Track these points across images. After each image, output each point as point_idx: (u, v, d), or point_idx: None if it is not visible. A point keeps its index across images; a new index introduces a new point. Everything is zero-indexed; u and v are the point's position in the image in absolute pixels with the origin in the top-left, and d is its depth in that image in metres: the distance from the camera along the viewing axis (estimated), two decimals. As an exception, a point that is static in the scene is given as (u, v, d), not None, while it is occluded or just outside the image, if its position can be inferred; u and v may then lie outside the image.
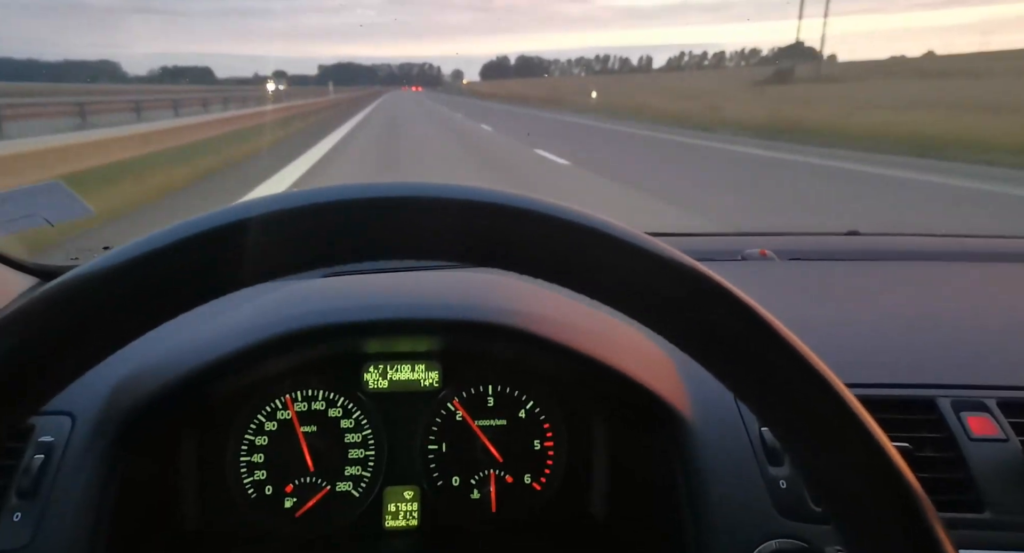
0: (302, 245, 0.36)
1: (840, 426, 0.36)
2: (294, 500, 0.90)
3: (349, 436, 0.92)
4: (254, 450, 0.90)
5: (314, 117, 23.48)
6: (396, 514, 0.93)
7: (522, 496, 0.93)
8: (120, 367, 0.79)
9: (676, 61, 60.18)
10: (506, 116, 27.45)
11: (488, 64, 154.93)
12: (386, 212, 0.36)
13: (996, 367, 0.88)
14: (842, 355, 0.90)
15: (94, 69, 63.86)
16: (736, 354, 0.37)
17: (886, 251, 1.46)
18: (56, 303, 0.34)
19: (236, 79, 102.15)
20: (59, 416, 0.76)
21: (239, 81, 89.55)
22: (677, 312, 0.37)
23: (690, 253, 0.38)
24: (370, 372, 0.92)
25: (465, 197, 0.37)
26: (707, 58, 61.94)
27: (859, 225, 1.60)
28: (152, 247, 0.35)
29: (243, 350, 0.79)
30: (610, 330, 0.86)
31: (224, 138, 13.45)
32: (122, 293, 0.35)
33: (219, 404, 0.88)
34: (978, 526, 0.73)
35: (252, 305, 0.89)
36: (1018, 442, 0.77)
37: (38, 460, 0.72)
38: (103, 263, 0.35)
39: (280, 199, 0.36)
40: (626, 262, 0.37)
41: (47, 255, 1.19)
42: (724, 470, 0.76)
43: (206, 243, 0.35)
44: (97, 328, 0.35)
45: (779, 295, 1.12)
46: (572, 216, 0.37)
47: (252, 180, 8.24)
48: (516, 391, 0.94)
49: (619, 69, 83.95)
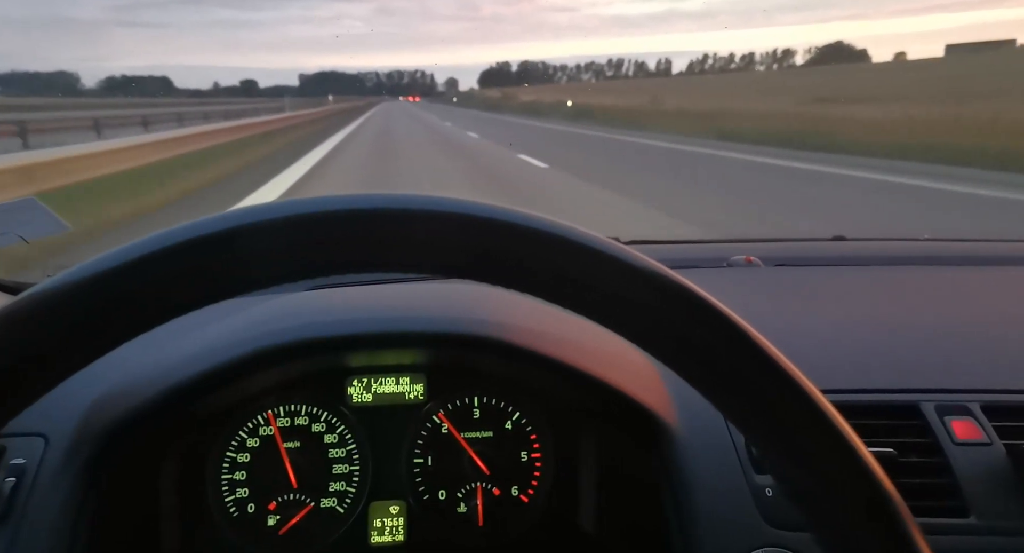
0: (284, 257, 0.36)
1: (813, 431, 0.36)
2: (277, 517, 0.89)
3: (333, 451, 0.90)
4: (236, 467, 0.88)
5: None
6: (382, 530, 0.91)
7: (509, 509, 0.93)
8: (95, 386, 0.78)
9: (699, 65, 56.45)
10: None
11: (487, 71, 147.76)
12: (366, 225, 0.36)
13: (979, 371, 0.88)
14: (826, 361, 0.90)
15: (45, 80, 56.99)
16: (710, 363, 0.37)
17: (871, 256, 1.47)
18: (15, 321, 0.33)
19: (192, 91, 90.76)
20: (31, 437, 0.74)
21: (193, 93, 79.21)
22: (649, 321, 0.37)
23: (675, 261, 0.38)
24: (354, 386, 0.91)
25: (444, 210, 0.36)
26: (734, 61, 58.15)
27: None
28: (125, 259, 0.34)
29: (223, 366, 0.78)
30: (595, 341, 0.85)
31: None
32: (95, 306, 0.34)
33: (199, 421, 0.87)
34: (963, 531, 0.73)
35: (232, 320, 0.88)
36: (1002, 446, 0.77)
37: (9, 483, 0.70)
38: (66, 278, 0.34)
39: (265, 210, 0.36)
40: (595, 270, 0.36)
41: (24, 273, 1.18)
42: (710, 479, 0.76)
43: (184, 254, 0.34)
44: (62, 344, 0.34)
45: (765, 302, 1.13)
46: (545, 226, 0.37)
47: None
48: (502, 403, 0.93)
49: (634, 74, 78.89)
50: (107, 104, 32.04)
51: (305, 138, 20.05)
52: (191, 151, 13.67)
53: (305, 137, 20.53)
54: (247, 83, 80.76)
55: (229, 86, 65.43)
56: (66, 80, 70.89)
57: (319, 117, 35.58)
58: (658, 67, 63.68)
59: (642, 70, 69.66)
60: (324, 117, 36.69)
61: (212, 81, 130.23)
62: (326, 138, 20.25)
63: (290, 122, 26.58)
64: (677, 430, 0.79)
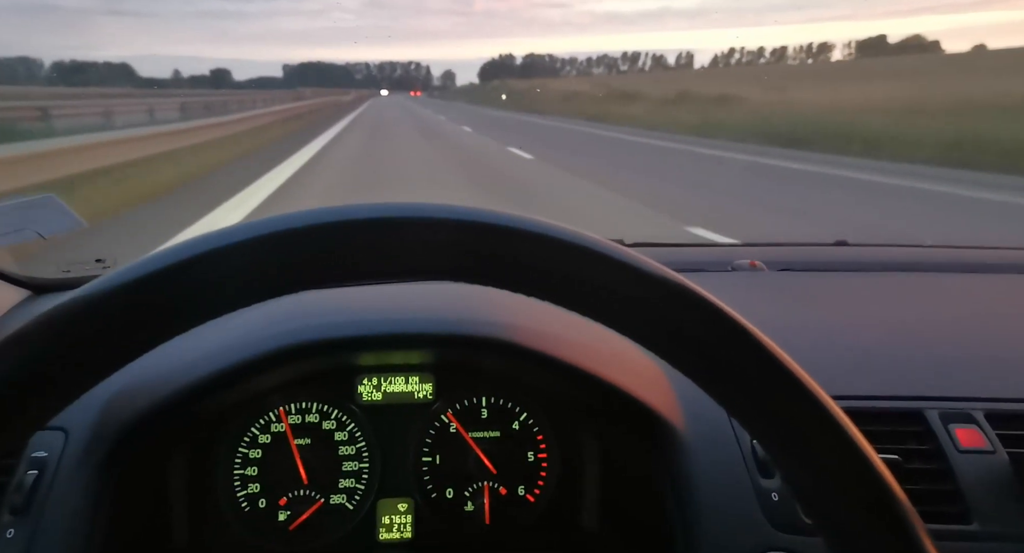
0: (294, 268, 0.37)
1: (825, 437, 0.36)
2: (287, 513, 0.90)
3: (343, 448, 0.92)
4: (247, 463, 0.89)
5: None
6: (390, 527, 0.93)
7: (516, 508, 0.94)
8: (113, 383, 0.79)
9: (724, 58, 51.53)
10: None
11: (489, 64, 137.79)
12: (363, 234, 0.37)
13: (984, 378, 0.89)
14: (831, 366, 0.90)
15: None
16: (718, 366, 0.38)
17: (875, 262, 1.48)
18: (58, 324, 0.34)
19: (155, 79, 76.81)
20: (53, 431, 0.76)
21: (153, 81, 66.79)
22: (659, 324, 0.38)
23: (679, 264, 0.39)
24: (364, 384, 0.92)
25: (442, 216, 0.37)
26: (764, 55, 51.94)
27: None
28: (161, 265, 0.35)
29: (236, 365, 0.79)
30: (601, 341, 0.86)
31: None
32: (129, 313, 0.35)
33: (212, 418, 0.88)
34: (965, 538, 0.74)
35: (244, 320, 0.89)
36: (1005, 454, 0.78)
37: (31, 476, 0.72)
38: (107, 283, 0.35)
39: (266, 223, 0.37)
40: (600, 274, 0.37)
41: (35, 267, 1.17)
42: (715, 482, 0.77)
43: (210, 263, 0.35)
44: (100, 349, 0.35)
45: (769, 306, 1.13)
46: (552, 231, 0.37)
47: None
48: (510, 403, 0.94)
49: (651, 69, 72.61)
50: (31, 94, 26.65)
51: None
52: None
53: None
54: (219, 73, 70.04)
55: (198, 76, 56.86)
56: (28, 67, 64.96)
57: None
58: (678, 61, 59.10)
59: (659, 64, 64.28)
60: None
61: (172, 69, 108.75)
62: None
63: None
64: (682, 431, 0.80)
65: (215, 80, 50.65)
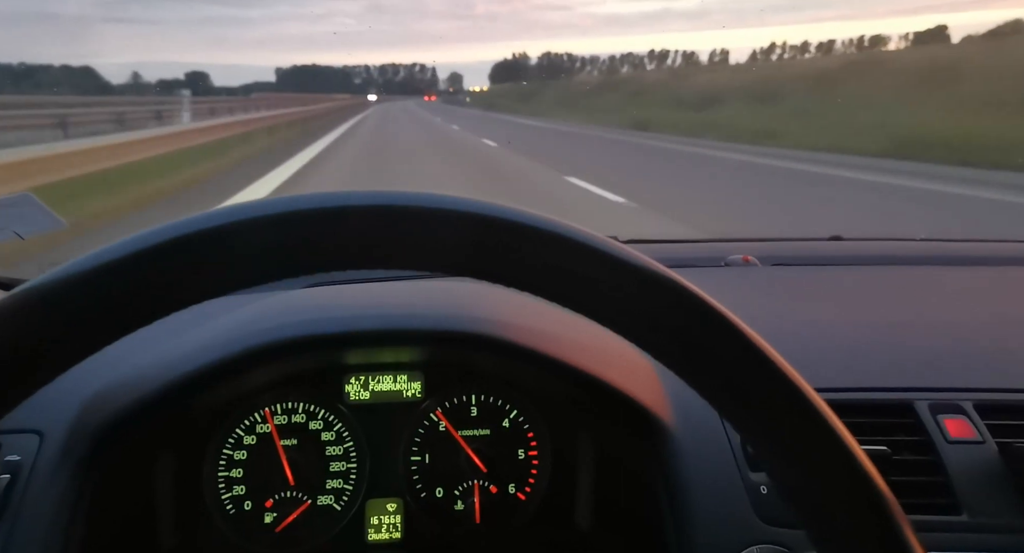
0: (285, 252, 0.36)
1: (806, 429, 0.36)
2: (274, 515, 0.88)
3: (330, 449, 0.90)
4: (232, 465, 0.88)
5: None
6: (379, 527, 0.91)
7: (506, 507, 0.93)
8: (90, 383, 0.78)
9: (764, 54, 47.82)
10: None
11: (501, 64, 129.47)
12: (363, 221, 0.36)
13: (973, 369, 0.89)
14: (821, 359, 0.90)
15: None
16: (700, 357, 0.37)
17: (868, 256, 1.48)
18: (10, 315, 0.33)
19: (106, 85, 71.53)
20: (26, 434, 0.74)
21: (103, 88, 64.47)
22: (641, 316, 0.37)
23: (672, 260, 0.38)
24: (351, 383, 0.91)
25: (441, 207, 0.36)
26: (808, 50, 46.89)
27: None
28: (123, 253, 0.34)
29: (221, 363, 0.78)
30: (591, 338, 0.86)
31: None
32: (94, 300, 0.34)
33: (196, 418, 0.86)
34: (955, 529, 0.74)
35: (229, 316, 0.88)
36: (994, 444, 0.78)
37: (4, 480, 0.70)
38: (64, 272, 0.34)
39: (264, 205, 0.36)
40: (594, 269, 0.37)
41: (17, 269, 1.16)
42: (705, 476, 0.76)
43: (183, 249, 0.35)
44: (58, 339, 0.34)
45: (762, 301, 1.13)
46: (547, 225, 0.37)
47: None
48: (500, 401, 0.93)
49: (682, 67, 69.16)
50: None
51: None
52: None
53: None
54: (194, 76, 60.19)
55: (171, 79, 48.64)
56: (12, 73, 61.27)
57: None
58: (711, 58, 56.46)
59: (691, 62, 61.14)
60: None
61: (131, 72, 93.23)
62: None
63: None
64: (673, 427, 0.79)
65: (190, 85, 43.76)
